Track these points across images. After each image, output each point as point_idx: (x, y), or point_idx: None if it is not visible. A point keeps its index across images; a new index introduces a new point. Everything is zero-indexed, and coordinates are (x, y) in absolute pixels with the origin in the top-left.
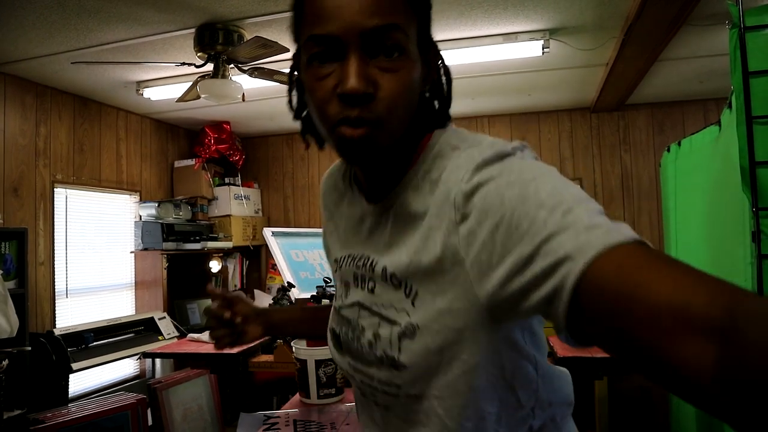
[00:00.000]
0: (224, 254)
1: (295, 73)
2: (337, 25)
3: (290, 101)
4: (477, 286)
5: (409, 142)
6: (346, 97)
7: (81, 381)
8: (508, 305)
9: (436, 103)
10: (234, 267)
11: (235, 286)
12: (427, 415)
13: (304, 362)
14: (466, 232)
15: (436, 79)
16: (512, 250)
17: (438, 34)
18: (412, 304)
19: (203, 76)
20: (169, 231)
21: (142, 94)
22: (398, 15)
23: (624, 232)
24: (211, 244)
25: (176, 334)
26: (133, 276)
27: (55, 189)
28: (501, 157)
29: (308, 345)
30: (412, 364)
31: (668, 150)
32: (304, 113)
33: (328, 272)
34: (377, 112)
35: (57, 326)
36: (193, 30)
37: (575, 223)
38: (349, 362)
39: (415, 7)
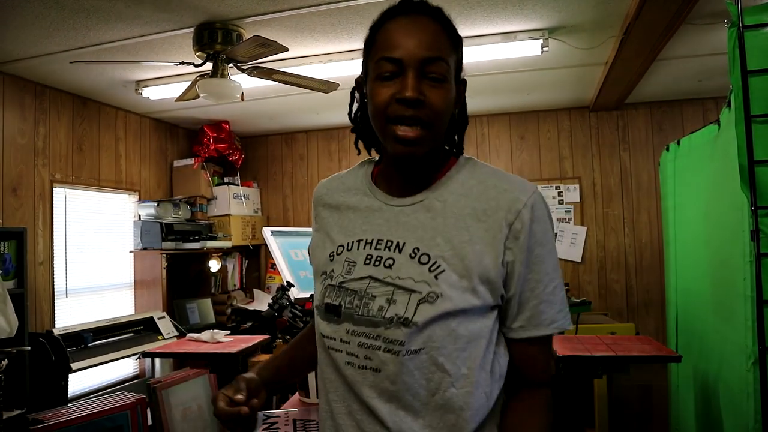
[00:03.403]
0: (223, 254)
1: (356, 93)
2: (402, 53)
3: (351, 113)
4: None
5: (439, 156)
6: (403, 101)
7: (80, 381)
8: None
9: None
10: (233, 266)
11: (235, 285)
12: (421, 370)
13: None
14: (510, 254)
15: (458, 112)
16: (529, 289)
17: None
18: (435, 278)
19: (202, 76)
20: (168, 230)
21: (141, 94)
22: (445, 51)
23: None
24: (210, 244)
25: (176, 333)
26: (133, 276)
27: (54, 189)
28: (541, 200)
29: None
30: (425, 322)
31: (667, 149)
32: (359, 123)
33: None
34: (426, 114)
35: (56, 326)
36: (192, 29)
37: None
38: (347, 329)
39: (456, 46)
